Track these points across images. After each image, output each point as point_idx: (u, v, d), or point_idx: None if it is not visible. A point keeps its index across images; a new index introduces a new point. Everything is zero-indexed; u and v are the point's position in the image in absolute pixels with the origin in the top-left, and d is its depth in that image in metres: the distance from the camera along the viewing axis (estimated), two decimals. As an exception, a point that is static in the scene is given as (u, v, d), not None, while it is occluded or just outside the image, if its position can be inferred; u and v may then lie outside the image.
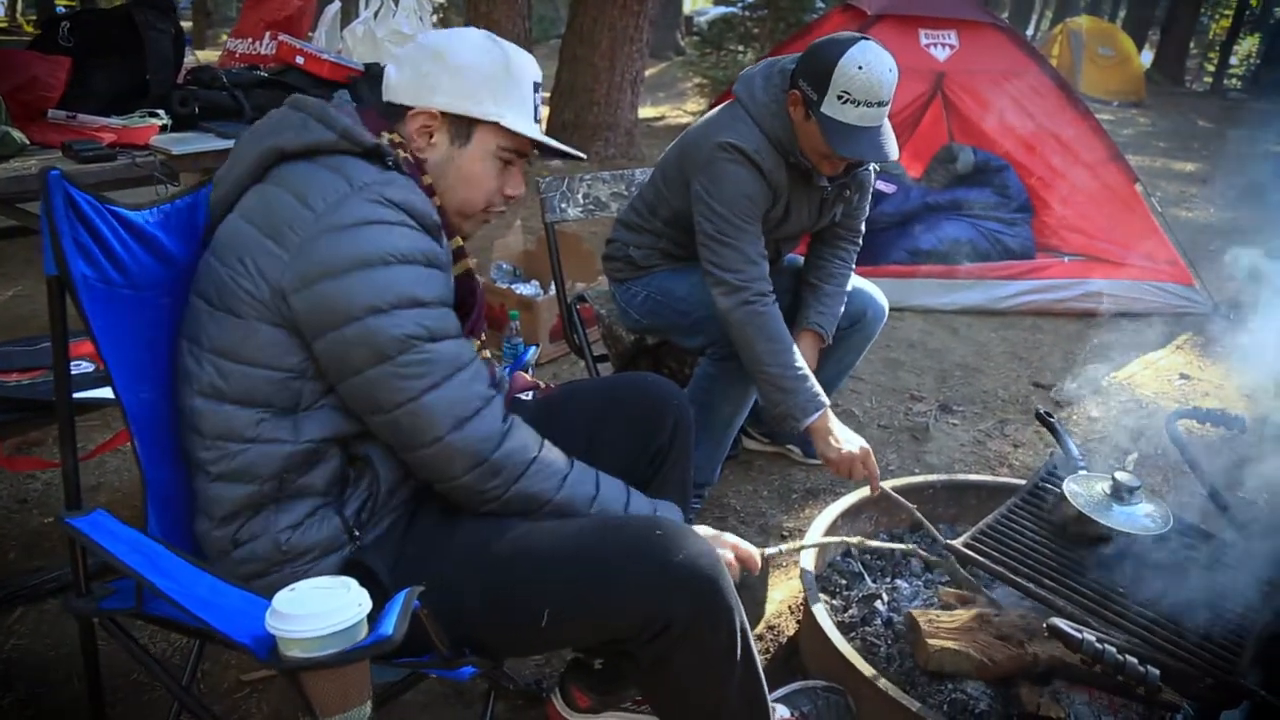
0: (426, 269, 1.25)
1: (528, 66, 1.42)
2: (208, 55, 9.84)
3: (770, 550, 1.64)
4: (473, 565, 1.29)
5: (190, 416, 1.28)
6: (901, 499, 2.11)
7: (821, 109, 2.02)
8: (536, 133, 1.41)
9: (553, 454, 1.37)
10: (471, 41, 1.38)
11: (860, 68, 1.97)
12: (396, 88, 1.39)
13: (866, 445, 2.07)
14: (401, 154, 1.34)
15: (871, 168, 2.42)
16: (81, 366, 1.98)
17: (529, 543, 1.29)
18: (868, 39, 2.03)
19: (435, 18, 3.03)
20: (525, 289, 3.65)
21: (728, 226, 2.13)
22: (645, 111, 8.80)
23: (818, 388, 2.11)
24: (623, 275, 2.48)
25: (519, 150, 1.41)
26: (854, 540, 1.91)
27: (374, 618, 1.04)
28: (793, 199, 2.24)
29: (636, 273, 2.45)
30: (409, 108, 1.37)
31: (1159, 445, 3.14)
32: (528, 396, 1.67)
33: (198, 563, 1.22)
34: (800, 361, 2.12)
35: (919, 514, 2.07)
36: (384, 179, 1.26)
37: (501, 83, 1.37)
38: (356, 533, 1.32)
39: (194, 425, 1.28)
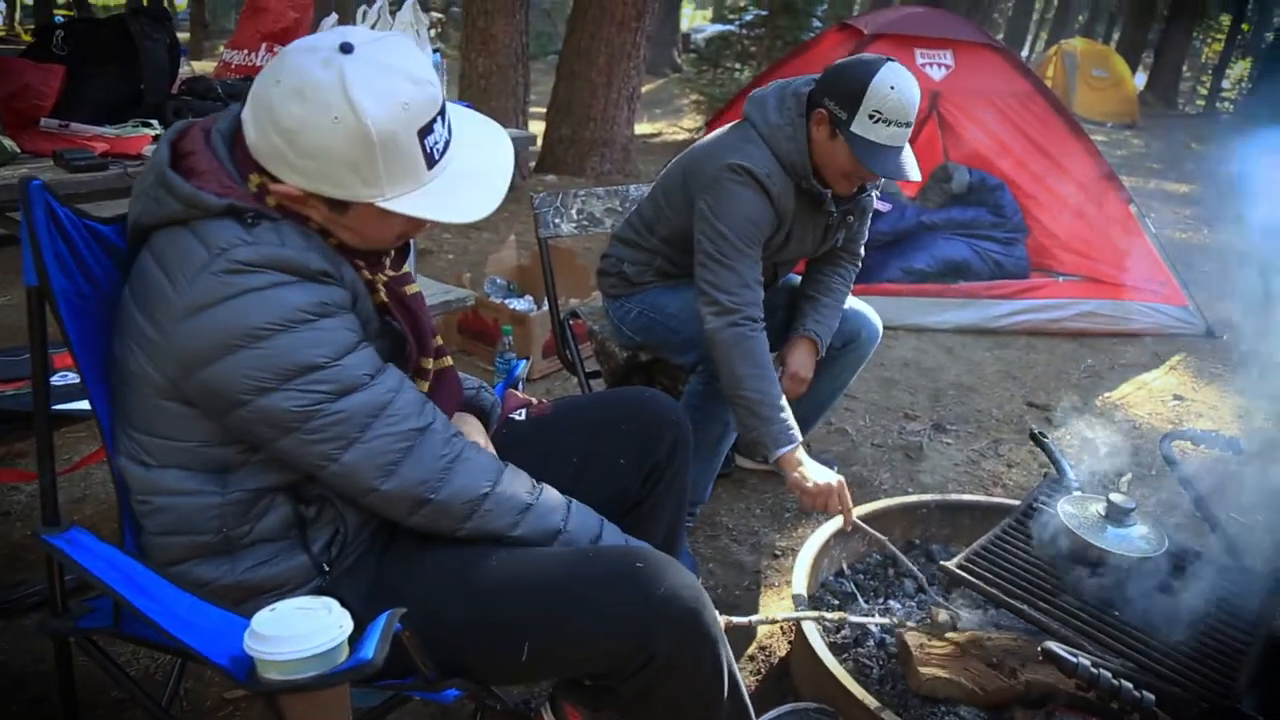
0: (313, 324, 1.13)
1: (405, 116, 1.13)
2: (204, 66, 9.85)
3: (739, 620, 1.62)
4: (451, 594, 1.25)
5: (117, 472, 1.24)
6: (873, 531, 2.05)
7: (851, 128, 2.03)
8: (422, 207, 1.18)
9: (513, 486, 1.30)
10: (322, 110, 1.09)
11: (892, 88, 2.00)
12: (252, 146, 1.16)
13: (840, 479, 2.02)
14: (273, 199, 1.17)
15: (872, 192, 2.42)
16: (67, 378, 1.96)
17: (508, 572, 1.25)
18: (893, 60, 2.06)
19: (433, 32, 3.02)
20: (519, 304, 3.63)
21: (728, 248, 2.11)
22: (642, 128, 8.82)
23: (793, 422, 2.08)
24: (616, 291, 2.47)
25: None
26: (832, 617, 1.83)
27: (355, 640, 1.02)
28: (796, 224, 2.23)
29: (630, 289, 2.44)
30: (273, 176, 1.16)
31: (1153, 466, 3.13)
32: (520, 416, 1.65)
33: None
34: (779, 393, 2.09)
35: (891, 546, 2.04)
36: (246, 238, 1.12)
37: (364, 162, 1.13)
38: (326, 566, 1.27)
39: (121, 481, 1.24)
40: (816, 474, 2.01)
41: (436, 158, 1.19)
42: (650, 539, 1.56)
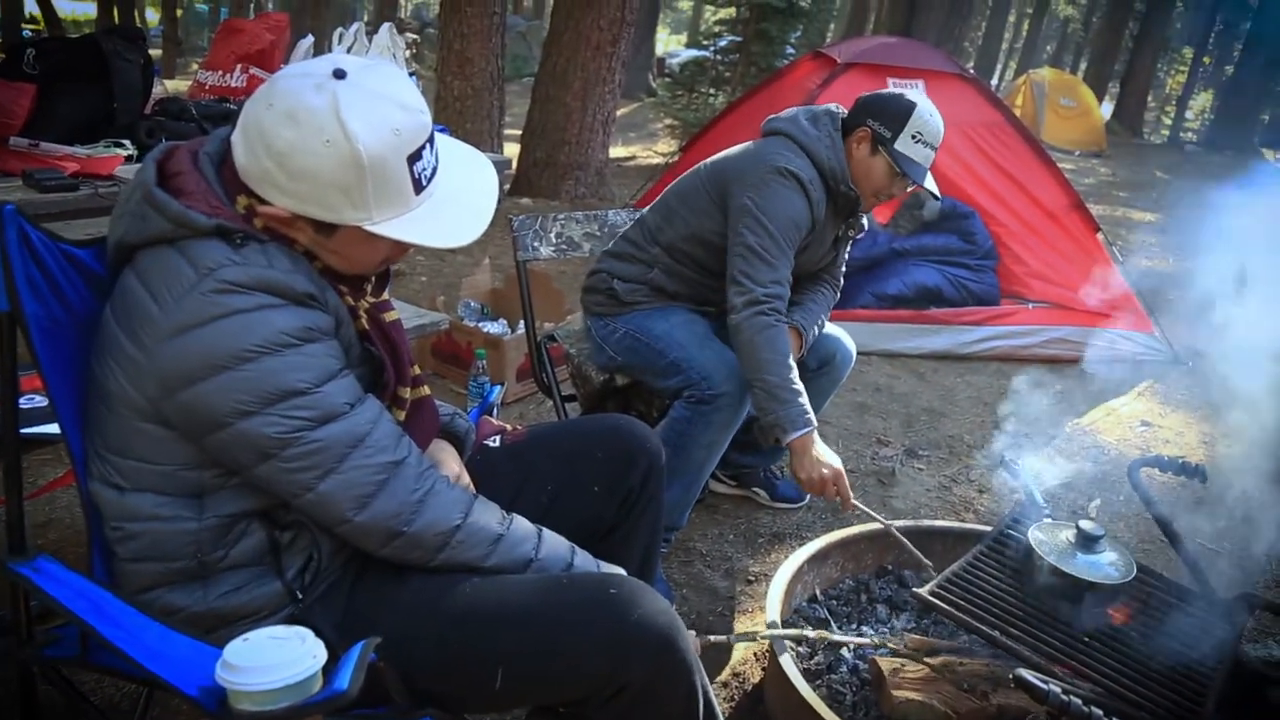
0: (298, 349, 1.13)
1: (395, 142, 1.15)
2: (176, 85, 9.79)
3: (716, 638, 1.65)
4: (424, 623, 1.24)
5: (89, 497, 1.23)
6: (871, 513, 2.20)
7: (895, 146, 2.25)
8: (410, 233, 1.19)
9: (484, 518, 1.30)
10: (314, 134, 1.11)
11: (930, 115, 2.26)
12: (242, 169, 1.17)
13: (840, 468, 2.12)
14: (260, 221, 1.18)
15: (864, 217, 2.54)
16: (35, 401, 1.93)
17: (483, 600, 1.25)
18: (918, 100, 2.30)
19: (409, 53, 3.03)
20: (493, 327, 3.63)
21: (770, 243, 2.20)
22: (616, 151, 8.87)
23: (809, 407, 2.16)
24: (602, 309, 2.47)
25: None
26: (813, 635, 1.85)
27: (329, 670, 1.01)
28: (817, 234, 2.34)
29: (617, 308, 2.44)
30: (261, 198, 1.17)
31: (1121, 492, 3.17)
32: (495, 442, 1.65)
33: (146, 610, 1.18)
34: (798, 380, 2.17)
35: (895, 530, 2.16)
36: (234, 258, 1.13)
37: (355, 184, 1.14)
38: (300, 594, 1.26)
39: (94, 506, 1.23)
40: (821, 461, 2.11)
41: (424, 184, 1.21)
42: (625, 565, 1.56)
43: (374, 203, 1.16)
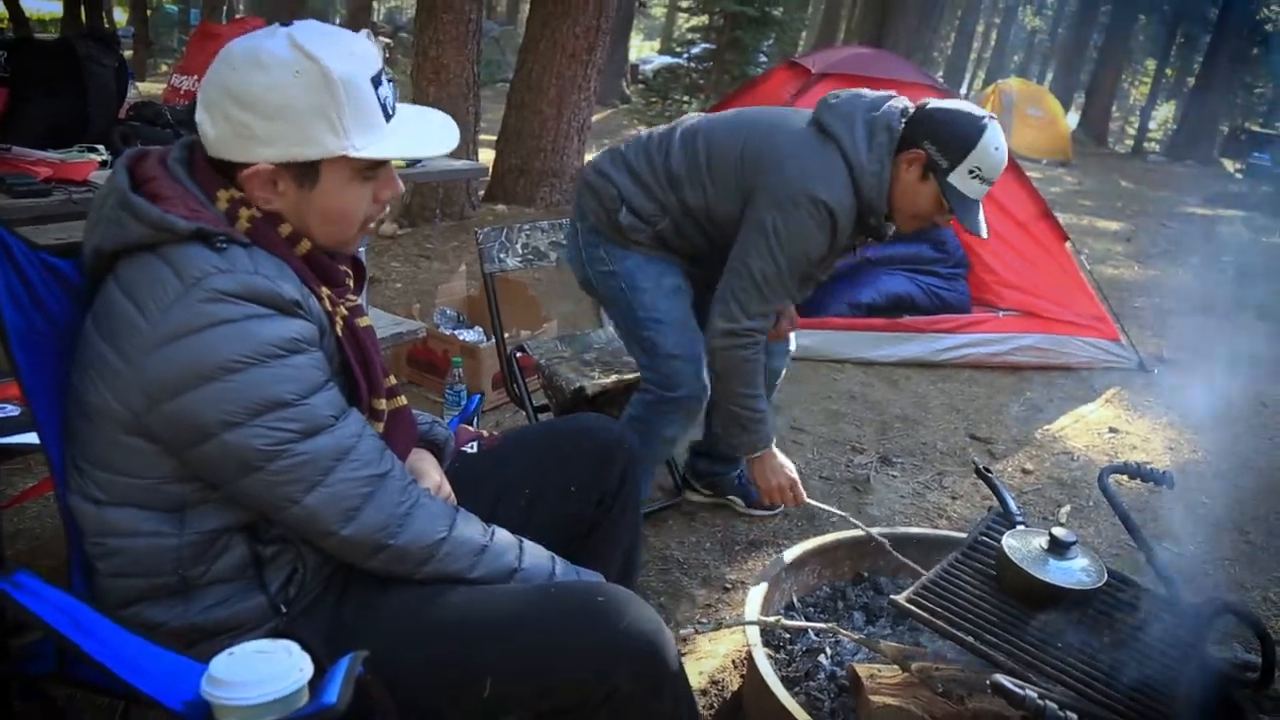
0: (285, 359, 1.13)
1: (358, 63, 1.18)
2: (149, 87, 9.67)
3: (685, 631, 1.73)
4: (412, 633, 1.25)
5: (68, 512, 1.22)
6: (827, 507, 2.32)
7: (949, 177, 2.03)
8: (394, 148, 1.23)
9: (467, 530, 1.31)
10: (280, 68, 1.13)
11: (996, 149, 2.02)
12: (215, 143, 1.18)
13: (795, 476, 2.30)
14: (245, 213, 1.18)
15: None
16: (6, 410, 1.91)
17: (470, 610, 1.26)
18: (995, 119, 2.08)
19: (384, 56, 3.00)
20: (469, 335, 3.62)
21: (774, 276, 2.12)
22: (591, 157, 8.88)
23: (770, 428, 2.25)
24: (599, 228, 2.32)
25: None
26: (771, 619, 1.87)
27: (315, 684, 1.01)
28: (828, 255, 2.23)
29: (613, 239, 2.30)
30: (240, 165, 1.18)
31: (1091, 497, 3.22)
32: (473, 449, 1.66)
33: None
34: (765, 404, 2.23)
35: (875, 534, 2.20)
36: (220, 264, 1.12)
37: (332, 106, 1.15)
38: (284, 607, 1.26)
39: (74, 521, 1.22)
40: (778, 471, 2.28)
41: (390, 111, 1.24)
42: (608, 564, 1.59)
43: (352, 126, 1.18)
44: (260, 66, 1.14)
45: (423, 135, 1.28)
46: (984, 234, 2.13)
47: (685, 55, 10.05)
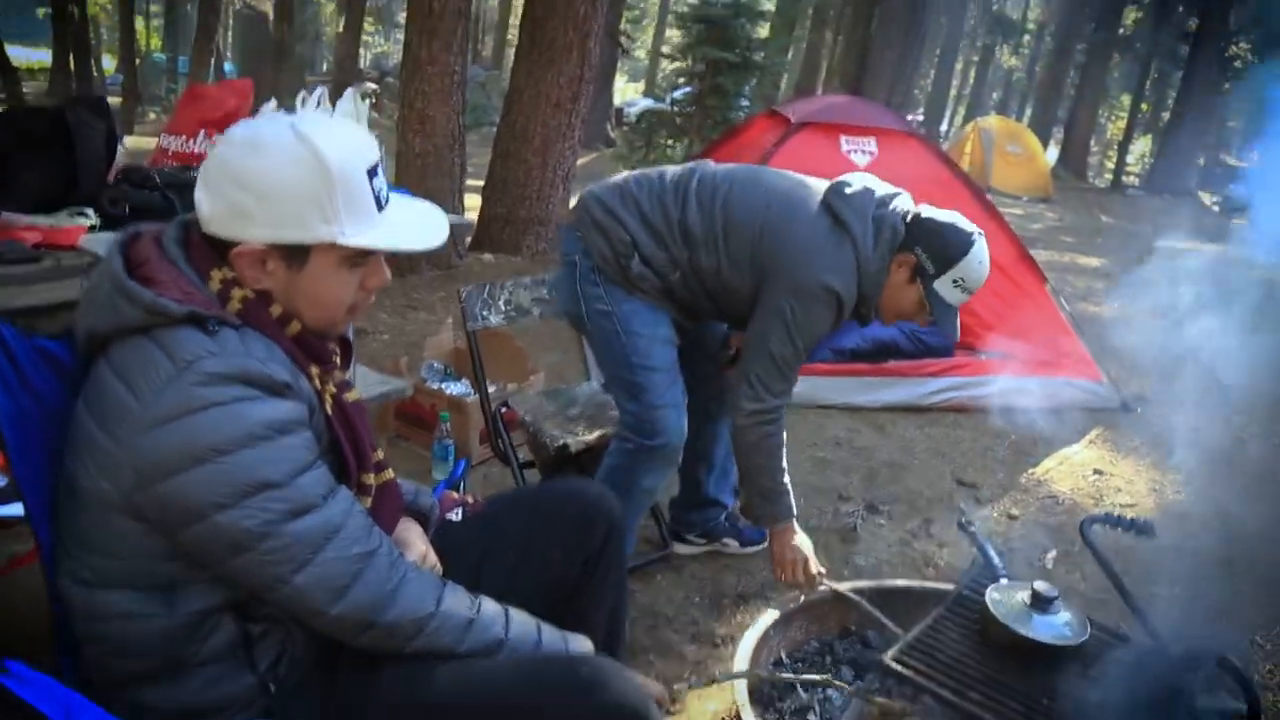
0: (275, 441, 1.16)
1: (355, 155, 1.23)
2: (136, 141, 9.74)
3: (678, 687, 1.76)
4: (402, 712, 1.27)
5: (56, 594, 1.24)
6: (837, 587, 2.28)
7: (935, 284, 2.16)
8: (381, 239, 1.26)
9: (454, 603, 1.32)
10: (280, 153, 1.19)
11: (980, 263, 2.16)
12: (210, 220, 1.22)
13: (810, 554, 2.32)
14: (239, 295, 1.22)
15: None
16: (-7, 480, 1.91)
17: (458, 687, 1.27)
18: (982, 234, 2.20)
19: (369, 101, 3.10)
20: (456, 388, 3.63)
21: (793, 358, 2.23)
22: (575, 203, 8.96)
23: (791, 499, 2.34)
24: (603, 267, 2.31)
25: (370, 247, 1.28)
26: (764, 673, 1.90)
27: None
28: None
29: (616, 281, 2.31)
30: (233, 242, 1.22)
31: (1077, 541, 3.23)
32: (456, 516, 1.67)
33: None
34: (786, 477, 2.34)
35: (864, 602, 2.20)
36: (212, 348, 1.15)
37: (325, 194, 1.20)
38: (273, 686, 1.27)
39: (64, 603, 1.23)
40: (797, 549, 2.32)
41: (383, 203, 1.28)
42: (593, 626, 1.60)
43: (344, 215, 1.22)
44: (260, 150, 1.19)
45: (413, 227, 1.33)
46: (957, 339, 2.32)
47: (669, 100, 10.19)
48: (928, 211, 2.23)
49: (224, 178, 1.20)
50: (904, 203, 2.27)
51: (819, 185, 2.31)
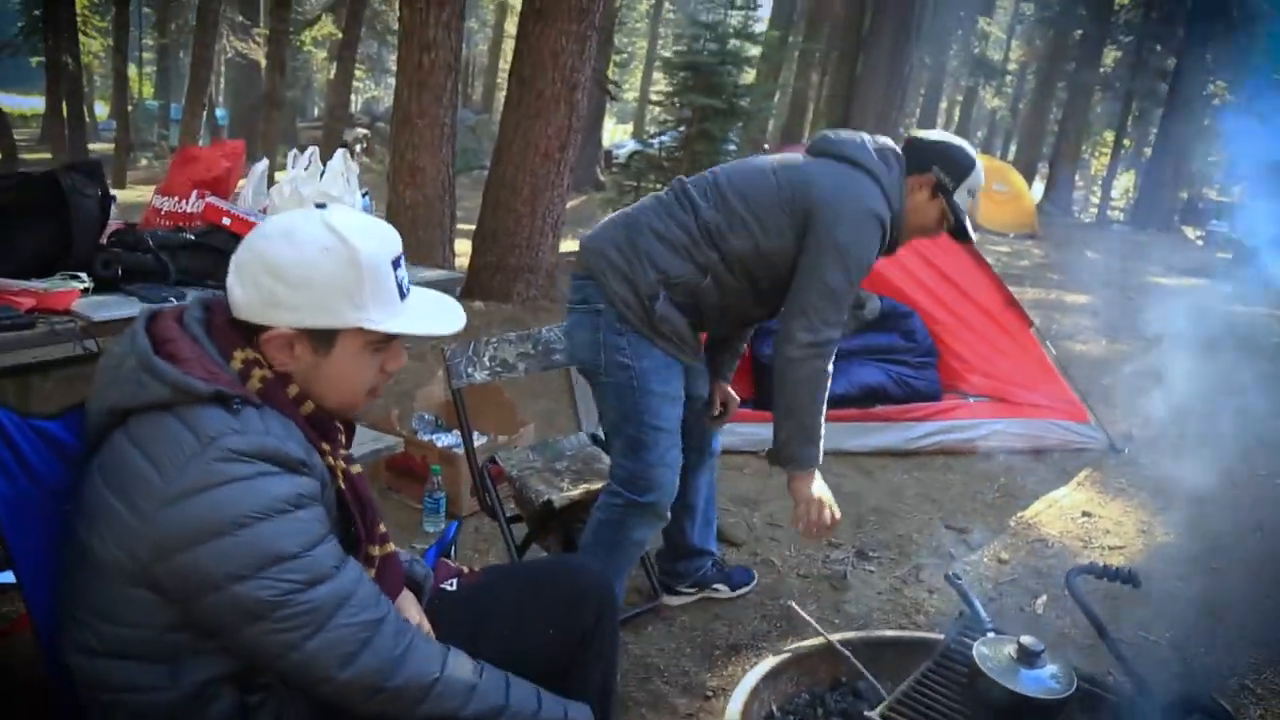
0: (292, 515, 1.20)
1: (381, 247, 1.31)
2: (128, 195, 9.79)
3: None
4: None
5: (63, 661, 1.26)
6: (828, 634, 2.24)
7: (954, 197, 2.34)
8: (405, 325, 1.34)
9: (459, 669, 1.34)
10: (311, 244, 1.26)
11: (981, 168, 2.38)
12: (242, 307, 1.29)
13: (830, 498, 2.40)
14: (259, 374, 1.28)
15: None
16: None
17: None
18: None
19: (359, 147, 3.13)
20: (446, 439, 3.66)
21: (847, 288, 2.28)
22: (566, 245, 9.01)
23: (821, 449, 2.39)
24: (626, 315, 2.32)
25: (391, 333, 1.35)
26: None
27: None
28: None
29: (639, 329, 2.32)
30: (263, 327, 1.29)
31: (1065, 587, 3.25)
32: (452, 586, 1.69)
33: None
34: (822, 424, 2.37)
35: (850, 656, 2.18)
36: (235, 425, 1.20)
37: (354, 283, 1.28)
38: None
39: (68, 671, 1.26)
40: (820, 491, 2.38)
41: (404, 290, 1.36)
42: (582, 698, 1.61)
43: (371, 301, 1.29)
44: (292, 239, 1.27)
45: (432, 314, 1.40)
46: (975, 238, 2.56)
47: (656, 144, 10.30)
48: (920, 133, 2.45)
49: (258, 267, 1.27)
50: (883, 137, 2.44)
51: (795, 153, 2.48)
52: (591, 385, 2.48)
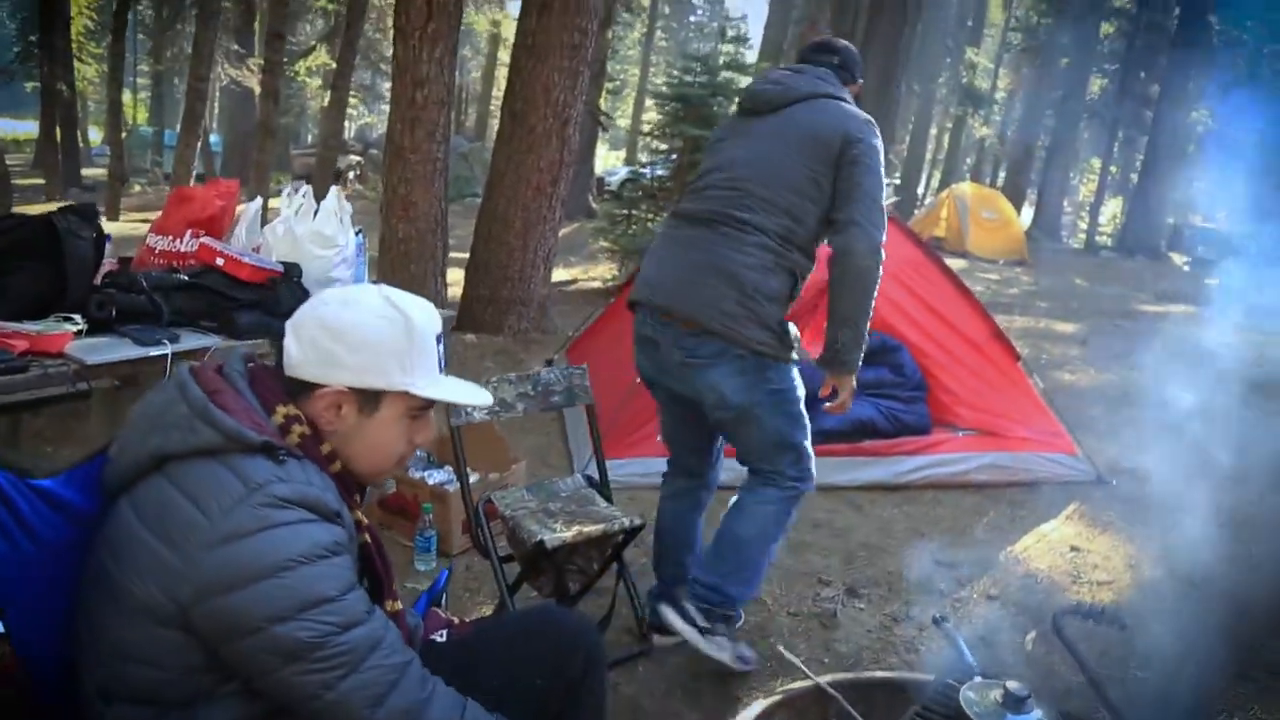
0: (330, 560, 1.26)
1: (429, 322, 1.44)
2: (121, 228, 9.81)
3: None
4: None
5: (80, 706, 1.28)
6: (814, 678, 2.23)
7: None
8: (446, 393, 1.46)
9: (478, 716, 1.41)
10: (369, 311, 1.39)
11: None
12: (298, 365, 1.39)
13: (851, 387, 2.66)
14: (298, 430, 1.35)
15: None
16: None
17: None
18: None
19: (353, 174, 3.18)
20: (438, 475, 3.66)
21: (880, 192, 2.48)
22: (557, 274, 9.06)
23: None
24: (766, 351, 2.47)
25: (429, 402, 1.46)
26: None
27: None
28: None
29: (781, 356, 2.51)
30: (315, 385, 1.38)
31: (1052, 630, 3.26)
32: (441, 637, 1.70)
33: None
34: None
35: (811, 674, 2.18)
36: (280, 474, 1.27)
37: (406, 350, 1.39)
38: None
39: (84, 717, 1.28)
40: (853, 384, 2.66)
41: (442, 365, 1.48)
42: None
43: (418, 369, 1.40)
44: (353, 307, 1.39)
45: (465, 389, 1.52)
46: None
47: (648, 174, 10.37)
48: (837, 42, 2.81)
49: (318, 327, 1.37)
50: (808, 58, 2.73)
51: (764, 120, 2.65)
52: (737, 422, 2.58)
